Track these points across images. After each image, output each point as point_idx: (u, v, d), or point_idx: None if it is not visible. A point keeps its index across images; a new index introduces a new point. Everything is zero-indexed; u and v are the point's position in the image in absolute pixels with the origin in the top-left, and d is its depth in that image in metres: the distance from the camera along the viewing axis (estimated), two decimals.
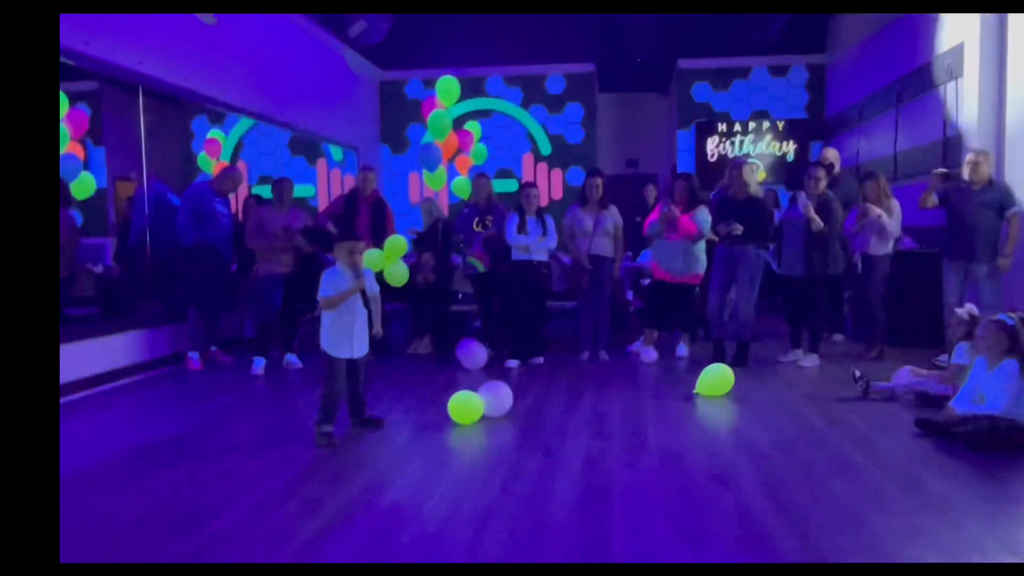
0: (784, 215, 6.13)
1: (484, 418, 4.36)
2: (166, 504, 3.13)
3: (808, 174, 5.81)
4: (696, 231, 5.95)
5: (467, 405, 4.32)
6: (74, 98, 7.20)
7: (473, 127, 8.54)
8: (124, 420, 4.74)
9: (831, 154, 7.34)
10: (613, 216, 6.28)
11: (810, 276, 5.75)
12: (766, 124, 10.26)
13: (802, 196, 5.70)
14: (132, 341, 5.99)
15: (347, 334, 3.93)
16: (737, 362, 5.77)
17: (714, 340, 6.04)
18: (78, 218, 6.67)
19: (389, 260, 5.94)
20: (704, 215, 5.99)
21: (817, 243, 5.67)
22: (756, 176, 6.18)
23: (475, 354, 5.94)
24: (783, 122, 10.25)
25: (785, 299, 6.16)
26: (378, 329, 4.11)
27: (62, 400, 5.09)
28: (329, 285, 3.89)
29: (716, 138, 10.35)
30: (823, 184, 5.77)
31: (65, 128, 7.03)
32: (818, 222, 5.59)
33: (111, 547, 2.70)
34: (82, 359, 5.39)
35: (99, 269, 7.14)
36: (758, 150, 10.27)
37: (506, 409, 4.45)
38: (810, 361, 5.86)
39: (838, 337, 6.97)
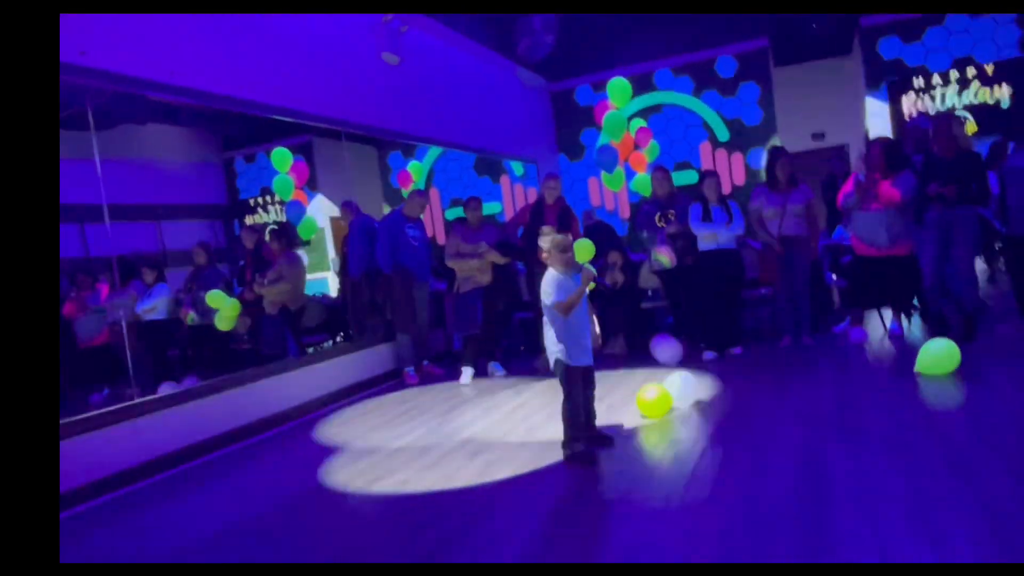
0: (1009, 165, 5.36)
1: (679, 410, 4.22)
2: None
3: None
4: (899, 197, 5.37)
5: (657, 399, 4.21)
6: (293, 151, 8.00)
7: (637, 126, 8.34)
8: (377, 426, 5.12)
9: None
10: (804, 193, 5.90)
11: None
12: (971, 71, 9.05)
13: None
14: (357, 360, 6.49)
15: (581, 340, 3.61)
16: (964, 336, 5.12)
17: (934, 313, 5.41)
18: (304, 258, 7.36)
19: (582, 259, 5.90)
20: (907, 180, 5.39)
21: None
22: (965, 130, 5.47)
23: (670, 349, 5.79)
24: (992, 65, 8.98)
25: (1013, 261, 5.38)
26: (597, 335, 3.82)
27: (307, 417, 5.63)
28: (559, 289, 3.52)
29: (912, 95, 9.29)
30: None
31: (291, 179, 7.83)
32: None
33: (398, 544, 2.90)
34: (315, 381, 5.94)
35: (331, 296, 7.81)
36: (964, 101, 9.09)
37: (693, 393, 4.31)
38: None
39: None
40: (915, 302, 5.98)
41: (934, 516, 2.50)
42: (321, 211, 8.95)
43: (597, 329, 3.86)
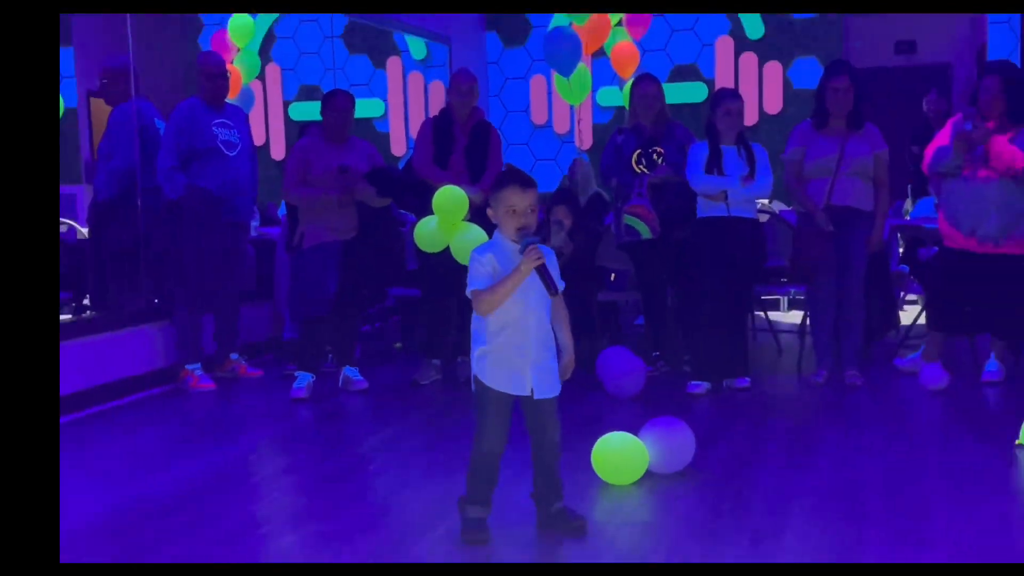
0: None
1: (649, 475, 4.27)
2: None
3: None
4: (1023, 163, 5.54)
5: (623, 455, 4.25)
6: None
7: None
8: (101, 470, 4.95)
9: None
10: (871, 141, 6.04)
11: None
12: None
13: None
14: (109, 346, 6.29)
15: (515, 351, 3.59)
16: None
17: None
18: None
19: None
20: None
21: None
22: None
23: (628, 374, 5.84)
24: None
25: None
26: (569, 356, 3.74)
27: None
28: (478, 271, 3.55)
29: None
30: None
31: None
32: None
33: None
34: None
35: (79, 234, 7.54)
36: None
37: (685, 463, 4.36)
38: None
39: None
40: None
41: None
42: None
43: (567, 340, 3.75)
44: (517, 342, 3.55)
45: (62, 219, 7.52)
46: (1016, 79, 5.73)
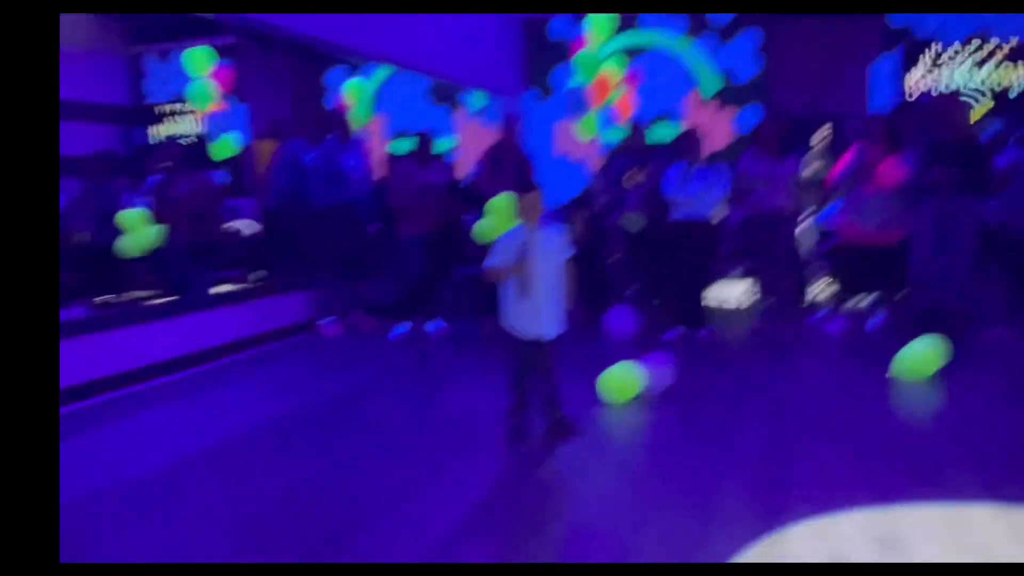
0: (1018, 158, 5.58)
1: (640, 397, 4.34)
2: (309, 481, 3.35)
3: None
4: (902, 179, 5.55)
5: (623, 380, 4.31)
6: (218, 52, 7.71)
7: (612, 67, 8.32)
8: (265, 389, 5.12)
9: None
10: (795, 165, 6.05)
11: None
12: (988, 47, 9.29)
13: None
14: (270, 306, 6.43)
15: (533, 309, 3.58)
16: (948, 337, 5.35)
17: (919, 310, 5.63)
18: (219, 178, 7.17)
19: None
20: (909, 161, 5.55)
21: None
22: (970, 113, 5.66)
23: (626, 323, 5.89)
24: (1014, 40, 9.20)
25: (1008, 262, 5.63)
26: (570, 303, 3.74)
27: (202, 368, 5.59)
28: (502, 249, 3.58)
29: (921, 68, 9.50)
30: None
31: (207, 84, 7.58)
32: None
33: (257, 525, 2.93)
34: (220, 326, 5.87)
35: (248, 231, 7.64)
36: (977, 80, 9.34)
37: (666, 385, 4.41)
38: None
39: None
40: (899, 297, 6.20)
41: (897, 527, 2.65)
42: (244, 128, 8.72)
43: (571, 292, 3.75)
44: (533, 301, 3.56)
45: (236, 221, 7.68)
46: (896, 121, 5.75)
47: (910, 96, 9.52)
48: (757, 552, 2.51)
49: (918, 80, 9.56)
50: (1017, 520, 2.67)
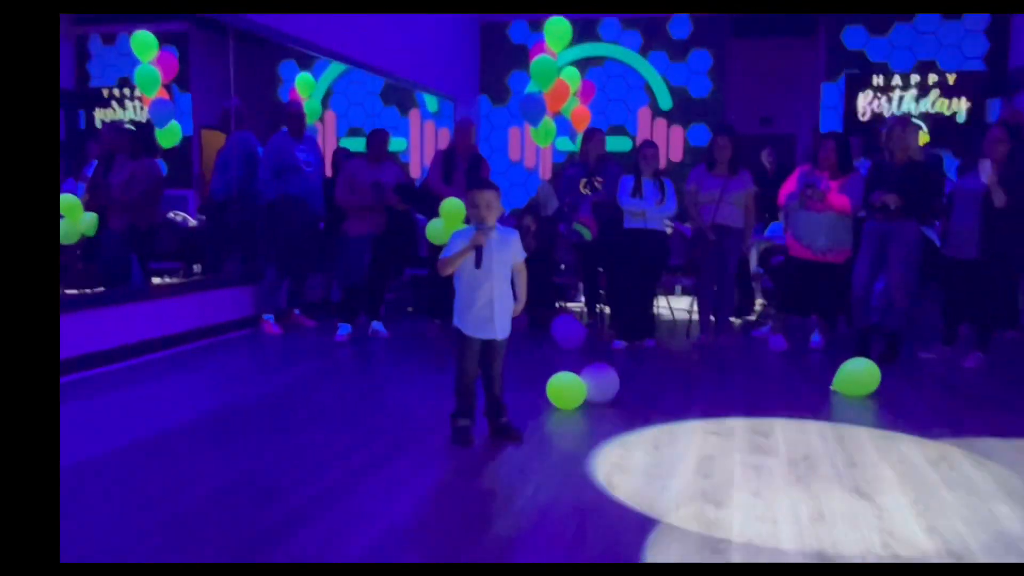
0: (957, 185, 5.75)
1: (586, 404, 4.33)
2: (246, 475, 3.25)
3: (991, 136, 5.37)
4: (848, 205, 5.66)
5: (569, 388, 4.30)
6: (162, 40, 7.52)
7: (569, 75, 8.36)
8: (202, 384, 4.98)
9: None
10: (745, 182, 6.10)
11: (985, 259, 5.37)
12: (933, 77, 9.61)
13: (986, 164, 5.29)
14: (210, 300, 6.27)
15: (472, 307, 3.62)
16: (885, 357, 5.48)
17: (858, 330, 5.75)
18: (163, 167, 7.00)
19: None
20: (856, 184, 5.68)
21: (998, 220, 5.27)
22: (918, 138, 5.80)
23: (572, 332, 5.91)
24: (954, 75, 9.56)
25: (947, 285, 5.79)
26: (520, 304, 3.77)
27: (138, 360, 5.42)
28: (449, 247, 3.63)
29: (870, 93, 9.78)
30: (1005, 149, 5.33)
31: (156, 71, 7.39)
32: (1002, 196, 5.19)
33: (195, 515, 2.83)
34: (157, 318, 5.71)
35: (190, 223, 7.49)
36: (921, 108, 9.65)
37: (611, 395, 4.42)
38: (974, 361, 5.49)
39: (1011, 334, 6.50)
40: (840, 316, 6.33)
41: (828, 539, 2.68)
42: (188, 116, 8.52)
43: (522, 293, 3.77)
44: (483, 302, 3.60)
45: (177, 212, 7.51)
46: (845, 143, 5.87)
47: (862, 116, 9.78)
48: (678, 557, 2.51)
49: (867, 104, 9.82)
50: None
